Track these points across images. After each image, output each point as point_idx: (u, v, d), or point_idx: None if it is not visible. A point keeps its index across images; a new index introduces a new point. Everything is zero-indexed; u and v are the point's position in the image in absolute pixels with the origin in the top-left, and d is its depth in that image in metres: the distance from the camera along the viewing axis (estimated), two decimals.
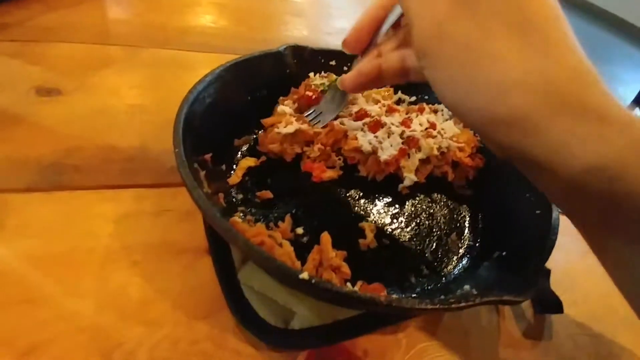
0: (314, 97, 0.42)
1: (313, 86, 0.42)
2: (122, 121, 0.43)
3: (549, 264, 0.35)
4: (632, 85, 2.22)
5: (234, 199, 0.35)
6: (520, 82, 0.20)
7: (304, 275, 0.22)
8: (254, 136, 0.41)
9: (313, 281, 0.22)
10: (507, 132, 0.21)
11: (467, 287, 0.29)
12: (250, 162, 0.37)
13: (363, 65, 0.33)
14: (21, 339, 0.25)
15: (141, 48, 0.55)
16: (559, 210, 0.32)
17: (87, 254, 0.30)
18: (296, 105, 0.43)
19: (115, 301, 0.28)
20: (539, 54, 0.20)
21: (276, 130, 0.39)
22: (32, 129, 0.39)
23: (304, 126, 0.40)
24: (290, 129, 0.38)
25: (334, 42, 0.73)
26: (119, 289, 0.29)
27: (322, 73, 0.46)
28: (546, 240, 0.29)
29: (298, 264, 0.28)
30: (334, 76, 0.45)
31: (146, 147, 0.40)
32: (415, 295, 0.31)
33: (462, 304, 0.23)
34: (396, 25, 0.33)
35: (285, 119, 0.40)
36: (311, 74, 0.44)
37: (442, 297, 0.28)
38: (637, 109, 1.87)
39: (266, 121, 0.41)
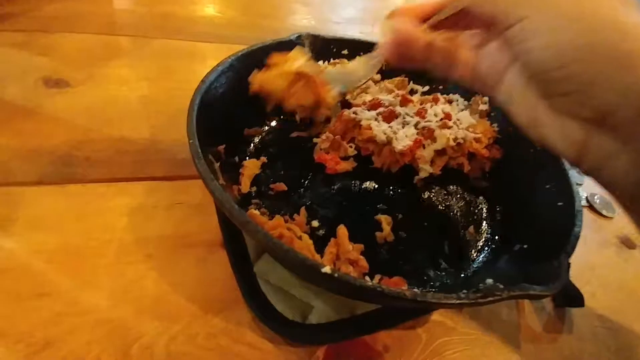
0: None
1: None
2: (133, 112, 0.42)
3: None
4: None
5: (248, 192, 0.34)
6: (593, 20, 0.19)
7: (327, 269, 0.21)
8: (266, 127, 0.40)
9: (336, 275, 0.21)
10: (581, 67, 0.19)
11: (490, 280, 0.29)
12: (255, 168, 0.36)
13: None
14: (37, 334, 0.25)
15: (149, 38, 0.54)
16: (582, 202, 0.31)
17: (101, 248, 0.30)
18: None
19: (131, 295, 0.28)
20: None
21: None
22: (41, 121, 0.38)
23: (314, 71, 0.33)
24: (295, 66, 0.33)
25: (343, 30, 0.71)
26: (134, 282, 0.29)
27: (332, 61, 0.44)
28: (571, 232, 0.28)
29: (318, 257, 0.27)
30: (347, 61, 0.44)
31: (157, 138, 0.39)
32: (434, 290, 0.30)
33: (490, 299, 0.22)
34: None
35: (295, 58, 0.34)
36: (320, 62, 0.43)
37: (465, 291, 0.28)
38: None
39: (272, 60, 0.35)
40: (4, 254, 0.29)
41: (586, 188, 0.48)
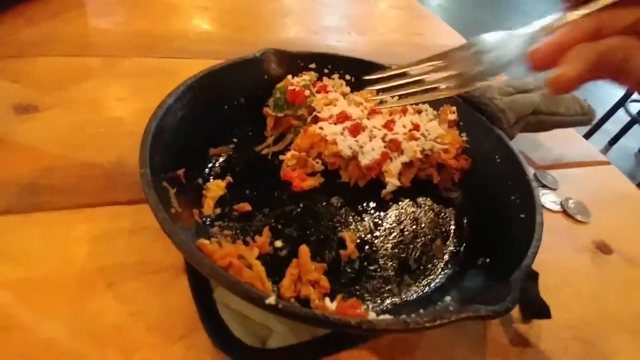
0: (297, 89, 0.41)
1: (294, 83, 0.42)
2: (100, 136, 0.42)
3: (537, 266, 0.34)
4: None
5: (210, 214, 0.34)
6: None
7: (270, 300, 0.22)
8: (232, 145, 0.40)
9: (280, 305, 0.21)
10: None
11: (448, 298, 0.29)
12: (219, 190, 0.36)
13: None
14: None
15: (122, 58, 0.54)
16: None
17: (63, 278, 0.30)
18: None
19: (91, 326, 0.28)
20: None
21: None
22: (10, 150, 0.39)
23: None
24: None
25: (322, 41, 0.71)
26: (94, 313, 0.29)
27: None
28: (527, 248, 0.28)
29: (269, 284, 0.27)
30: (314, 74, 0.44)
31: (123, 162, 0.39)
32: (395, 305, 0.30)
33: (437, 322, 0.22)
34: None
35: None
36: (289, 76, 0.43)
37: (421, 310, 0.28)
38: None
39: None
40: None
41: (561, 193, 0.47)
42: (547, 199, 0.46)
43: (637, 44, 0.23)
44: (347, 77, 0.47)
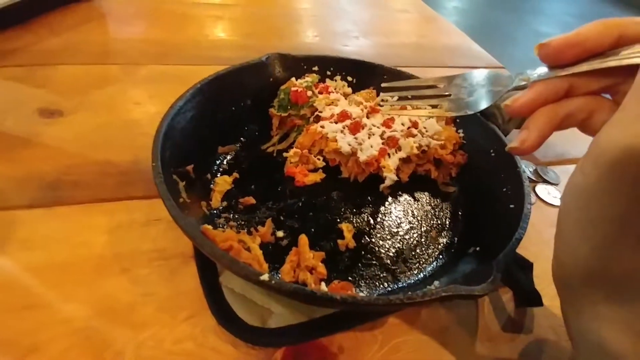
0: (299, 90, 0.44)
1: (297, 85, 0.44)
2: (118, 137, 0.45)
3: (535, 258, 0.35)
4: None
5: (217, 207, 0.37)
6: None
7: (264, 277, 0.24)
8: (239, 144, 0.43)
9: (273, 282, 0.24)
10: None
11: (436, 282, 0.30)
12: (226, 184, 0.38)
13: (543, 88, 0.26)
14: (23, 341, 0.28)
15: (139, 65, 0.58)
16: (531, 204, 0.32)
17: (82, 264, 0.33)
18: None
19: (106, 305, 0.31)
20: None
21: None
22: (35, 150, 0.42)
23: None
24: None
25: (328, 45, 0.74)
26: (109, 294, 0.31)
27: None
28: (513, 234, 0.29)
29: (265, 266, 0.29)
30: (316, 76, 0.46)
31: (139, 160, 0.42)
32: (388, 292, 0.32)
33: (417, 300, 0.24)
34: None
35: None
36: (293, 79, 0.45)
37: (398, 294, 0.29)
38: None
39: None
40: None
41: (562, 188, 0.48)
42: (549, 194, 0.47)
43: (601, 102, 0.25)
44: (349, 78, 0.50)
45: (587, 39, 0.24)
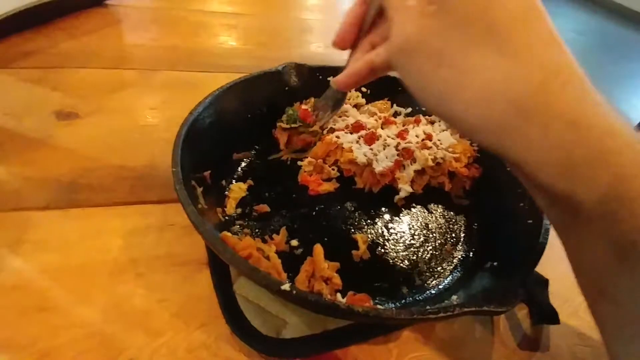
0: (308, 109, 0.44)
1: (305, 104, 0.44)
2: (135, 141, 0.45)
3: (548, 274, 0.35)
4: None
5: (233, 213, 0.37)
6: (487, 92, 0.20)
7: (285, 286, 0.23)
8: (253, 151, 0.43)
9: (294, 292, 0.23)
10: (482, 138, 0.21)
11: (454, 297, 0.30)
12: (241, 191, 0.38)
13: (353, 65, 0.31)
14: (38, 344, 0.28)
15: (155, 71, 0.59)
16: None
17: (97, 267, 0.33)
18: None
19: (121, 310, 0.30)
20: (506, 60, 0.20)
21: None
22: (51, 151, 0.42)
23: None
24: None
25: (340, 55, 0.74)
26: (124, 299, 0.31)
27: None
28: (533, 250, 0.29)
29: (284, 275, 0.29)
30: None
31: (155, 165, 0.43)
32: (404, 305, 0.31)
33: (440, 315, 0.24)
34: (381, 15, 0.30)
35: None
36: (296, 104, 0.46)
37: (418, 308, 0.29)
38: None
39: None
40: (13, 272, 0.32)
41: None
42: None
43: None
44: (363, 89, 0.50)
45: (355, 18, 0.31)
